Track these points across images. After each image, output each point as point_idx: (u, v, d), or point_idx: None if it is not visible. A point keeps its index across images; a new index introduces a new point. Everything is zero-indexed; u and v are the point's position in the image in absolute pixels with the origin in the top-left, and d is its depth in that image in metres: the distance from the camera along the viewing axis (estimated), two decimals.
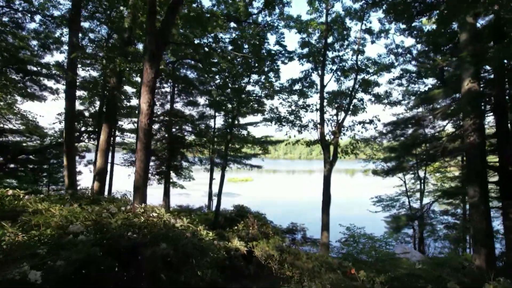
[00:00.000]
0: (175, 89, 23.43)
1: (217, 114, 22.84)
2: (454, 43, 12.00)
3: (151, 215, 5.68)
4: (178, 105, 24.17)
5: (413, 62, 14.97)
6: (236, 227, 13.72)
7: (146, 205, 7.56)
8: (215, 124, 22.64)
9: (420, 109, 15.52)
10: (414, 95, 15.56)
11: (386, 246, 13.63)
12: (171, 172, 22.67)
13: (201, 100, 24.46)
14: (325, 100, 13.91)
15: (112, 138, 15.39)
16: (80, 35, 12.21)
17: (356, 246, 13.57)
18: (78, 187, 15.38)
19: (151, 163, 21.85)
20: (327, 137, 12.81)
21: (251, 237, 13.63)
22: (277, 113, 16.75)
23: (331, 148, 13.12)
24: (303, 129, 12.89)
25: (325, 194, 11.48)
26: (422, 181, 18.64)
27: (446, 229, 17.22)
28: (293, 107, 14.18)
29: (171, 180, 25.30)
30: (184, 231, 5.35)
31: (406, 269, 6.69)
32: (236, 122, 17.46)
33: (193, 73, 23.03)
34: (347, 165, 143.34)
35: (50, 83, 25.77)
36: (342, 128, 12.79)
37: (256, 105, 18.54)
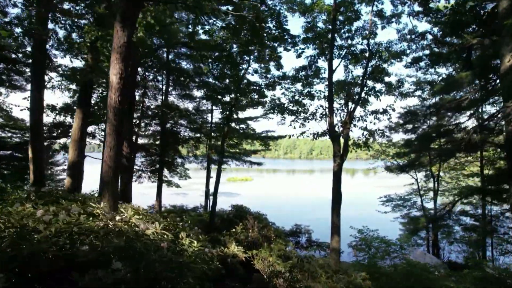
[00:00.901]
0: (170, 81, 22.04)
1: (214, 107, 21.40)
2: (481, 20, 10.54)
3: (115, 218, 4.23)
4: (174, 100, 22.74)
5: (432, 46, 13.47)
6: (234, 230, 12.26)
7: (118, 204, 6.10)
8: (212, 118, 21.20)
9: (437, 99, 14.08)
10: (429, 84, 14.13)
11: (401, 250, 12.19)
12: (165, 169, 21.22)
13: (198, 93, 23.04)
14: (334, 87, 12.45)
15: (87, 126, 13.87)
16: None
17: (369, 251, 12.10)
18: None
19: (142, 159, 20.37)
20: (336, 129, 11.35)
21: (250, 241, 12.17)
22: (280, 103, 15.31)
23: (341, 141, 11.63)
24: (309, 118, 11.44)
25: (335, 192, 10.04)
26: (436, 179, 17.17)
27: (463, 231, 15.77)
28: (296, 97, 12.71)
29: (165, 179, 23.88)
30: (156, 241, 3.90)
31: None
32: (235, 115, 16.02)
33: (189, 64, 21.58)
34: (346, 165, 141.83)
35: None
36: (353, 119, 11.34)
37: (256, 96, 17.08)
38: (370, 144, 11.23)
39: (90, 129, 17.52)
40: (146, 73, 21.84)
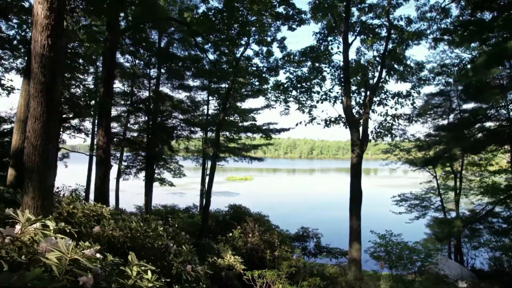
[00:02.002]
0: (162, 68, 20.17)
1: (210, 98, 19.56)
2: None
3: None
4: (168, 92, 20.81)
5: (456, 23, 11.59)
6: (230, 234, 10.40)
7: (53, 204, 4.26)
8: (208, 110, 19.35)
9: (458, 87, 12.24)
10: (456, 66, 12.33)
11: (426, 258, 10.32)
12: (154, 166, 19.35)
13: (194, 84, 21.14)
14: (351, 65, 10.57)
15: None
16: None
17: (389, 259, 10.24)
18: None
19: (127, 154, 18.39)
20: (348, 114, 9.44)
21: (250, 248, 10.29)
22: (283, 86, 13.49)
23: (353, 132, 9.72)
24: (322, 100, 9.55)
25: (354, 190, 8.18)
26: (459, 176, 15.28)
27: (491, 235, 13.89)
28: (305, 72, 10.81)
29: (158, 176, 22.02)
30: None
31: None
32: (233, 102, 14.15)
33: (184, 51, 19.68)
34: (345, 164, 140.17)
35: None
36: (373, 102, 9.47)
37: (256, 83, 15.20)
38: (393, 132, 9.37)
39: None
40: (137, 61, 20.04)
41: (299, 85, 10.19)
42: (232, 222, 10.97)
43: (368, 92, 9.47)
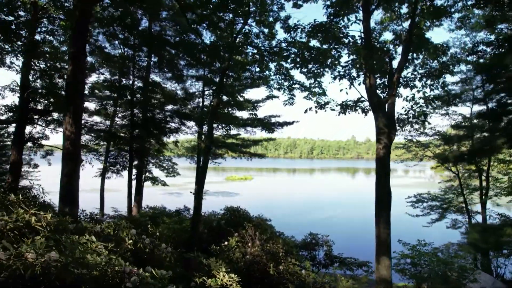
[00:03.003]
0: (153, 58, 18.40)
1: (206, 89, 17.77)
2: None
3: None
4: (162, 85, 18.97)
5: None
6: (226, 243, 8.62)
7: None
8: (203, 102, 17.54)
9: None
10: (488, 45, 10.60)
11: (462, 273, 8.55)
12: (146, 164, 17.57)
13: (188, 73, 19.29)
14: (359, 54, 8.74)
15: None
16: None
17: (418, 274, 8.47)
18: None
19: (113, 151, 16.51)
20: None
21: (250, 261, 8.51)
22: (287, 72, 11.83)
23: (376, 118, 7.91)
24: (339, 77, 7.74)
25: (382, 190, 6.38)
26: (486, 174, 13.49)
27: None
28: (315, 55, 8.99)
29: (150, 175, 20.26)
30: None
31: None
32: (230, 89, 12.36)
33: (177, 37, 17.88)
34: (345, 164, 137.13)
35: None
36: (400, 82, 7.68)
37: (257, 69, 13.41)
38: (426, 119, 7.57)
39: None
40: (127, 50, 18.26)
41: (310, 57, 8.30)
42: (228, 229, 9.20)
43: (393, 70, 7.65)
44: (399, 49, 9.63)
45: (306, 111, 9.24)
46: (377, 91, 7.51)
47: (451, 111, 14.29)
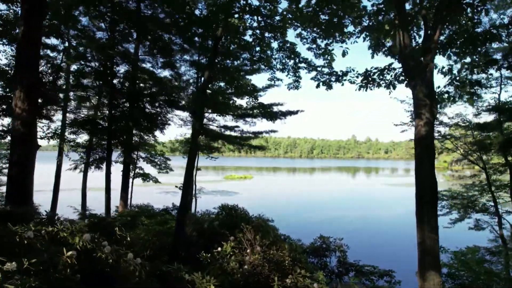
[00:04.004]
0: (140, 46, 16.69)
1: (200, 75, 16.07)
2: None
3: None
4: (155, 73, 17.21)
5: None
6: (219, 249, 6.96)
7: None
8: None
9: None
10: None
11: None
12: (136, 159, 15.87)
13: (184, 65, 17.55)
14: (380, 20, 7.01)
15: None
16: None
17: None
18: None
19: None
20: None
21: (248, 272, 6.85)
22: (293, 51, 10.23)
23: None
24: (365, 31, 6.05)
25: (425, 180, 4.69)
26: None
27: None
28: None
29: (141, 171, 18.59)
30: None
31: None
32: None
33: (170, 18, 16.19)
34: (345, 163, 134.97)
35: None
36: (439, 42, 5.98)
37: (257, 48, 11.71)
38: (476, 92, 5.90)
39: None
40: (115, 34, 16.55)
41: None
42: (222, 231, 7.52)
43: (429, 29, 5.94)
44: None
45: (318, 85, 7.58)
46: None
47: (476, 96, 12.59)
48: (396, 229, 18.83)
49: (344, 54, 6.62)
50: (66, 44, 15.70)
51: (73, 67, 16.05)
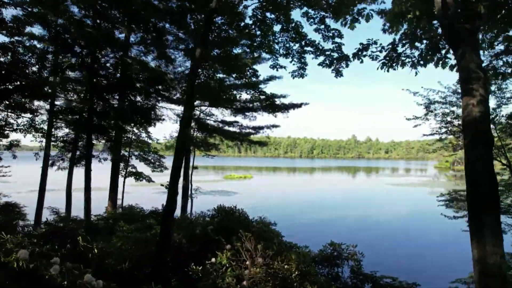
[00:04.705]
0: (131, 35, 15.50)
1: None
2: None
3: None
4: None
5: None
6: (213, 260, 5.79)
7: None
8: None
9: None
10: None
11: None
12: (128, 156, 14.67)
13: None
14: None
15: None
16: None
17: None
18: None
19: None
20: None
21: None
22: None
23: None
24: None
25: (479, 182, 3.55)
26: None
27: None
28: None
29: (133, 170, 17.41)
30: None
31: None
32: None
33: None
34: (345, 163, 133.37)
35: None
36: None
37: (258, 32, 10.53)
38: None
39: None
40: (106, 24, 15.34)
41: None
42: (217, 238, 6.35)
43: None
44: None
45: (329, 66, 6.42)
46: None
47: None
48: (412, 232, 17.56)
49: (368, 18, 5.43)
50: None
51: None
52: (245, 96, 13.73)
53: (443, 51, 6.02)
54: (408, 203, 29.04)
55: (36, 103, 14.24)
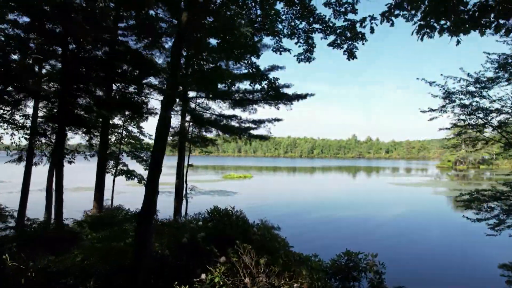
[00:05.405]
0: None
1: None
2: None
3: None
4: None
5: None
6: (203, 277, 4.56)
7: None
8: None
9: None
10: None
11: None
12: (119, 153, 13.41)
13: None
14: None
15: None
16: None
17: None
18: None
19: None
20: None
21: None
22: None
23: None
24: None
25: None
26: None
27: None
28: None
29: (124, 168, 16.19)
30: None
31: None
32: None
33: None
34: (344, 163, 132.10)
35: None
36: None
37: (257, 7, 9.27)
38: None
39: None
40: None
41: None
42: (209, 248, 5.10)
43: None
44: None
45: (340, 46, 5.18)
46: None
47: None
48: (431, 237, 16.16)
49: None
50: None
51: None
52: (244, 86, 12.51)
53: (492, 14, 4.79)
54: (419, 203, 27.80)
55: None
